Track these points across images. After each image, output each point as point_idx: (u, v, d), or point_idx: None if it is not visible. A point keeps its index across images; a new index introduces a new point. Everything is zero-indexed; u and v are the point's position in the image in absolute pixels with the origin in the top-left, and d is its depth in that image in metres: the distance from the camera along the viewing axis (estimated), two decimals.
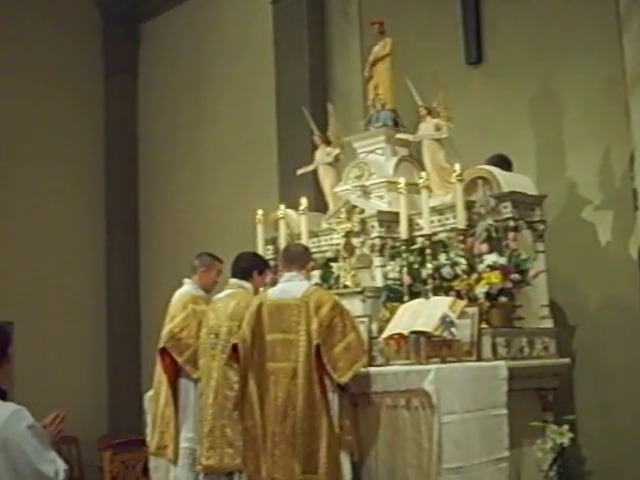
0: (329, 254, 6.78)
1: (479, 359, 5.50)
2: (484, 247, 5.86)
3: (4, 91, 10.36)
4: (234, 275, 5.94)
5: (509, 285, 5.72)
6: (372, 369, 5.54)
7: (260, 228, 7.08)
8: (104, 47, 11.51)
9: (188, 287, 6.28)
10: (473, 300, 5.69)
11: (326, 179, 7.23)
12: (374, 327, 6.00)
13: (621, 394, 6.41)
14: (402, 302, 5.94)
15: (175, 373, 6.06)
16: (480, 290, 5.69)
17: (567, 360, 6.20)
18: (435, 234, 6.12)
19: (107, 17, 11.44)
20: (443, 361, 5.45)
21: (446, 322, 5.43)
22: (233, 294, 5.81)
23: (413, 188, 6.26)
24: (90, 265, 11.11)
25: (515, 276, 5.75)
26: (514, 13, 7.32)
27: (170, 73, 10.86)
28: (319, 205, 7.37)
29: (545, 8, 7.08)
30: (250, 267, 5.94)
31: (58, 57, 10.93)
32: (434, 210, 6.17)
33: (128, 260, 11.17)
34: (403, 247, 6.19)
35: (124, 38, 11.40)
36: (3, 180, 10.29)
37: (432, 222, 6.13)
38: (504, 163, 6.33)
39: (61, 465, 3.39)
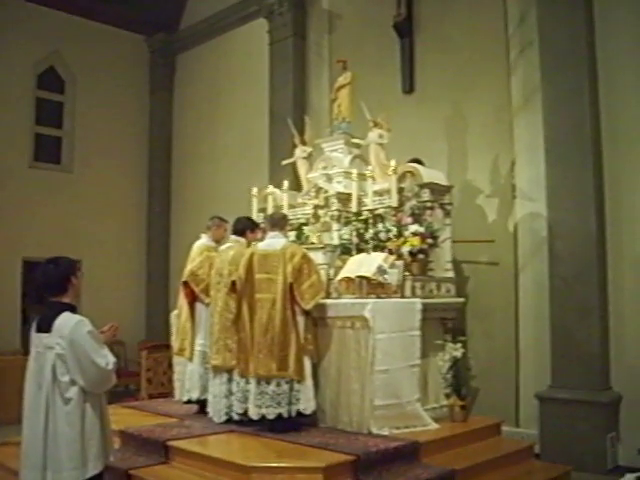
0: (302, 220, 6.65)
1: (402, 296, 5.46)
2: (409, 219, 5.78)
3: (89, 103, 10.48)
4: (234, 233, 5.78)
5: (425, 246, 5.69)
6: (328, 300, 5.48)
7: (255, 201, 6.94)
8: (150, 71, 11.33)
9: (204, 239, 6.12)
10: (400, 256, 5.62)
11: (302, 168, 7.08)
12: (331, 272, 5.89)
13: (496, 323, 6.45)
14: (351, 255, 5.85)
15: (193, 299, 5.92)
16: (405, 249, 5.63)
17: (462, 299, 6.20)
18: (376, 209, 6.00)
19: (152, 50, 11.27)
20: (378, 297, 5.37)
21: (381, 270, 5.37)
22: (232, 246, 5.65)
23: (362, 177, 6.15)
24: (137, 222, 11.03)
25: (429, 240, 5.72)
26: (437, 58, 7.22)
27: (196, 91, 10.67)
28: (296, 186, 7.23)
29: (458, 56, 6.99)
30: (244, 228, 5.76)
31: (118, 79, 10.81)
32: (376, 193, 6.04)
33: (162, 220, 11.08)
34: (353, 217, 6.09)
35: (164, 65, 11.25)
36: (84, 162, 10.42)
37: (374, 201, 6.01)
38: (419, 163, 6.24)
39: (111, 358, 3.30)
